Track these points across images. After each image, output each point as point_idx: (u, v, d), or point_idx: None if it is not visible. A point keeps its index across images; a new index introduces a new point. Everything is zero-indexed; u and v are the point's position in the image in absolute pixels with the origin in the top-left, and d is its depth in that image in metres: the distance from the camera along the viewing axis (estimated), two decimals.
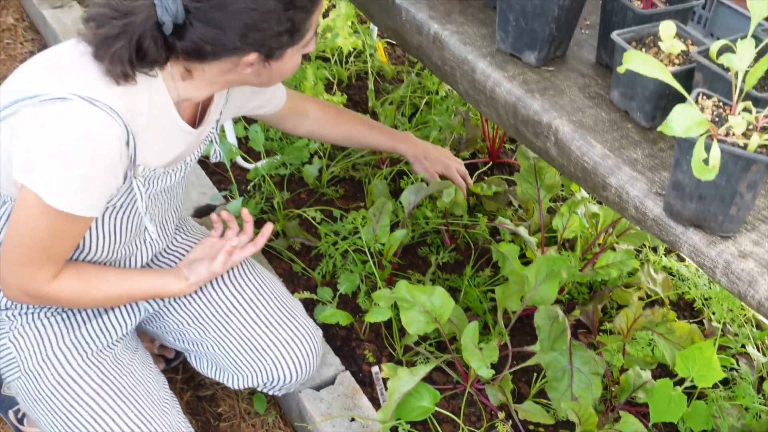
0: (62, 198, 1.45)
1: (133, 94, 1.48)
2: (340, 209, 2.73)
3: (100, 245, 1.68)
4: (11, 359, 1.73)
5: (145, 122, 1.52)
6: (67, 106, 1.41)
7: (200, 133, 1.75)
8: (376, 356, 2.31)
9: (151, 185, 1.65)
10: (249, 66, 1.53)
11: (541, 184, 2.41)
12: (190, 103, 1.66)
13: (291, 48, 1.55)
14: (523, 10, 1.47)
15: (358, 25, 3.57)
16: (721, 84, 1.23)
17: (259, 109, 2.06)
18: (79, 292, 1.64)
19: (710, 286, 2.48)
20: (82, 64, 1.46)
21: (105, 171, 1.47)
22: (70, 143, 1.41)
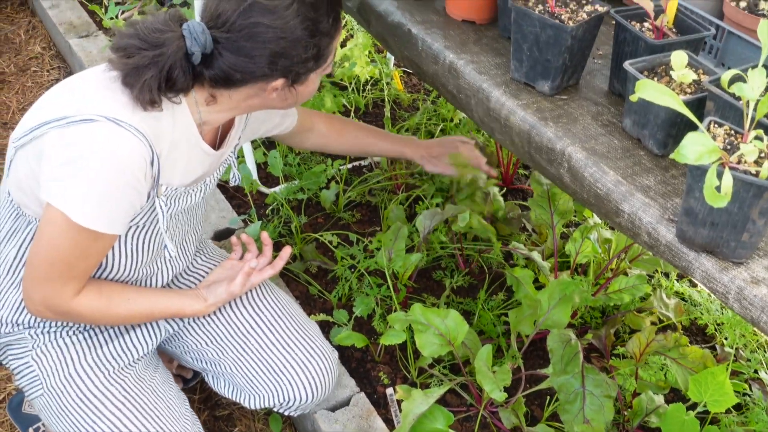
0: (87, 215, 1.46)
1: (158, 118, 1.50)
2: (356, 233, 2.74)
3: (122, 264, 1.69)
4: (34, 377, 1.73)
5: (169, 144, 1.54)
6: (94, 127, 1.43)
7: (221, 155, 1.76)
8: (390, 378, 2.30)
9: (173, 204, 1.66)
10: (275, 91, 1.56)
11: (555, 209, 2.40)
12: (212, 127, 1.68)
13: (314, 72, 1.58)
14: (537, 41, 1.48)
15: (375, 54, 3.60)
16: (733, 112, 1.23)
17: (273, 130, 2.08)
18: (100, 309, 1.65)
19: (722, 312, 2.46)
20: (109, 89, 1.48)
21: (130, 189, 1.48)
22: (97, 162, 1.42)
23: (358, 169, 3.11)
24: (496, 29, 1.75)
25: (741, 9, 1.50)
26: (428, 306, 2.37)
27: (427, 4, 1.85)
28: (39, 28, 4.31)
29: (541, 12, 1.48)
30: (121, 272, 1.71)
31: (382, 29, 1.88)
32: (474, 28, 1.76)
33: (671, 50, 1.36)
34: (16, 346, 1.76)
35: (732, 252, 1.16)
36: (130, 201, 1.51)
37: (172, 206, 1.67)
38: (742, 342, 2.34)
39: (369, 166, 3.11)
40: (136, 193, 1.51)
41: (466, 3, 1.75)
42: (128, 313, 1.71)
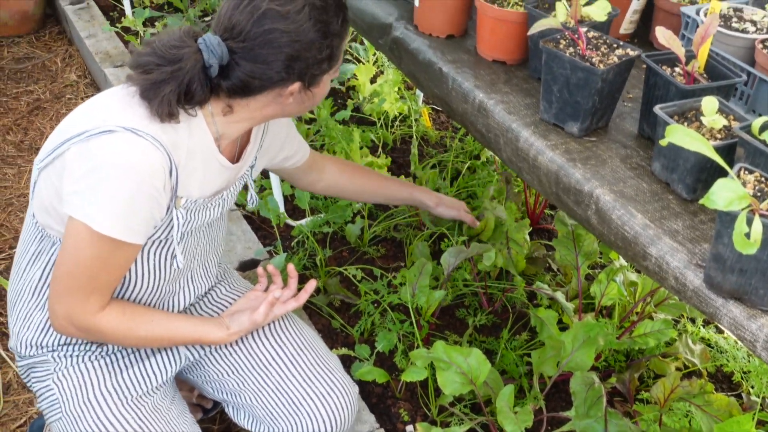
0: (107, 224, 1.47)
1: (175, 129, 1.53)
2: (380, 268, 2.74)
3: (144, 281, 1.70)
4: (54, 400, 1.74)
5: (186, 154, 1.56)
6: (113, 137, 1.45)
7: (238, 169, 1.77)
8: (411, 415, 2.29)
9: (192, 218, 1.67)
10: (291, 95, 1.58)
11: (580, 250, 2.39)
12: (230, 140, 1.69)
13: (327, 73, 1.61)
14: (567, 82, 1.48)
15: (404, 91, 3.62)
16: (763, 159, 1.22)
17: (286, 161, 2.08)
18: (122, 328, 1.64)
19: (749, 359, 2.42)
20: (128, 104, 1.51)
21: (148, 198, 1.49)
22: (116, 171, 1.45)
23: (383, 205, 3.11)
24: (527, 70, 1.76)
25: None
26: (450, 344, 2.36)
27: (459, 44, 1.86)
28: (75, 57, 4.39)
29: (572, 54, 1.49)
30: (144, 289, 1.72)
31: (413, 67, 1.89)
32: (504, 69, 1.77)
33: (702, 95, 1.37)
34: (40, 369, 1.77)
35: (761, 299, 1.15)
36: (149, 210, 1.52)
37: (192, 219, 1.68)
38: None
39: None
40: (156, 202, 1.52)
41: (497, 43, 1.76)
42: (150, 334, 1.70)
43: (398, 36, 1.93)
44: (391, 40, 1.96)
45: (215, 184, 1.71)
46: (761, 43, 1.54)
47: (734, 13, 1.67)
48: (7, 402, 2.44)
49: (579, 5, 1.52)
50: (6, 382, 2.49)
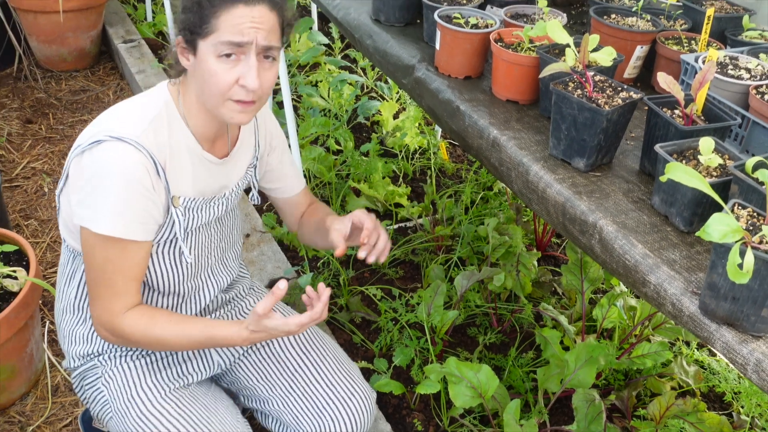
0: (106, 224, 1.49)
1: (155, 132, 1.54)
2: (399, 288, 2.74)
3: (164, 280, 1.71)
4: (105, 401, 1.75)
5: (170, 154, 1.57)
6: (101, 147, 1.49)
7: (232, 165, 1.75)
8: (424, 425, 2.27)
9: (194, 215, 1.67)
10: (183, 54, 1.55)
11: (586, 276, 2.38)
12: (210, 138, 1.67)
13: (201, 40, 1.49)
14: (575, 121, 1.49)
15: (424, 126, 3.64)
16: (756, 196, 1.21)
17: (278, 180, 1.95)
18: (140, 327, 1.60)
19: (740, 381, 2.40)
20: (126, 109, 1.57)
21: (138, 195, 1.51)
22: (106, 176, 1.48)
23: (403, 230, 3.12)
24: (537, 109, 1.77)
25: (765, 101, 1.49)
26: (462, 360, 2.35)
27: (475, 84, 1.87)
28: (126, 90, 4.45)
29: (579, 96, 1.49)
30: (167, 288, 1.73)
31: (433, 104, 1.90)
32: (517, 108, 1.77)
33: (699, 136, 1.37)
34: (90, 376, 1.78)
35: (752, 326, 1.14)
36: (143, 207, 1.53)
37: (194, 217, 1.67)
38: (758, 411, 2.27)
39: (413, 228, 3.12)
40: (148, 200, 1.53)
41: (511, 85, 1.77)
42: (167, 333, 1.62)
43: (420, 76, 1.94)
44: (414, 80, 1.97)
45: (210, 182, 1.70)
46: (755, 89, 1.54)
47: (730, 61, 1.67)
48: (55, 403, 2.45)
49: (587, 51, 1.53)
50: (54, 385, 2.50)
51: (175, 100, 1.61)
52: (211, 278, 1.85)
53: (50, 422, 2.38)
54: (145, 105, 1.59)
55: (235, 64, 1.49)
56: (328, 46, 4.62)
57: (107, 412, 1.75)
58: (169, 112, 1.59)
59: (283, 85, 2.92)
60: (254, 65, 1.49)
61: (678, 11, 1.95)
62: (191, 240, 1.72)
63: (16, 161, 3.68)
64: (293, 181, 1.99)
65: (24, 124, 4.01)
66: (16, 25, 4.42)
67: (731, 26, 1.90)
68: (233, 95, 1.52)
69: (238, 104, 1.53)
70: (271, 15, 1.51)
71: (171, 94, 1.62)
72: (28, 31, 4.44)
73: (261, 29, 1.48)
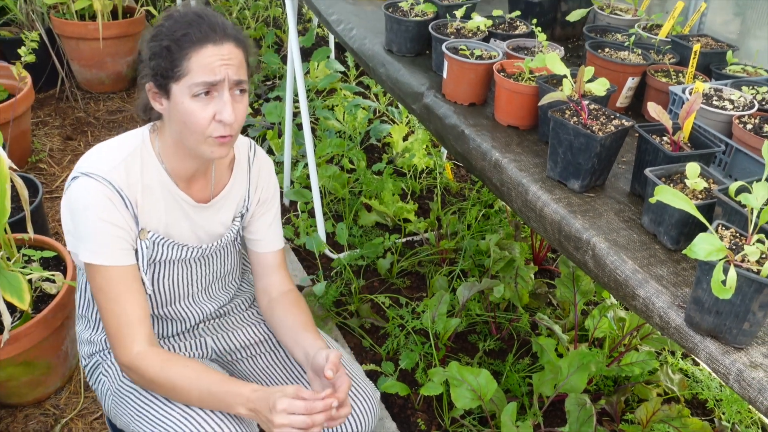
0: (84, 251, 1.52)
1: (127, 170, 1.54)
2: (405, 297, 2.73)
3: (162, 298, 1.72)
4: (107, 389, 1.73)
5: (142, 191, 1.57)
6: (75, 182, 1.52)
7: (213, 212, 1.70)
8: (426, 424, 2.26)
9: (162, 251, 1.65)
10: (154, 97, 1.52)
11: (578, 289, 2.37)
12: (186, 177, 1.63)
13: (174, 83, 1.46)
14: (571, 146, 1.48)
15: (431, 148, 3.64)
16: (738, 218, 1.21)
17: (255, 232, 1.83)
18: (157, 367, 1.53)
19: (721, 389, 2.37)
20: (102, 149, 1.58)
21: (105, 225, 1.51)
22: (78, 207, 1.51)
23: (411, 243, 3.11)
24: (536, 134, 1.77)
25: (747, 130, 1.49)
26: (463, 364, 2.34)
27: (479, 111, 1.88)
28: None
29: (575, 123, 1.49)
30: (167, 304, 1.74)
31: (440, 128, 1.90)
32: (517, 133, 1.78)
33: (686, 161, 1.36)
34: (96, 371, 1.77)
35: (734, 338, 1.13)
36: (113, 234, 1.52)
37: (162, 252, 1.65)
38: (738, 417, 2.25)
39: (420, 242, 3.12)
40: (116, 228, 1.52)
41: (512, 111, 1.77)
42: (188, 378, 1.53)
43: (428, 102, 1.95)
44: (423, 106, 1.98)
45: (185, 224, 1.66)
46: (737, 119, 1.53)
47: (715, 92, 1.67)
48: (87, 398, 2.45)
49: (582, 82, 1.53)
50: (86, 381, 2.50)
51: (152, 140, 1.60)
52: (192, 306, 1.81)
53: (82, 415, 2.38)
54: (122, 143, 1.59)
55: (209, 101, 1.46)
56: (344, 73, 4.64)
57: (108, 399, 1.72)
58: (144, 150, 1.58)
59: (302, 108, 2.93)
60: (228, 100, 1.46)
61: (667, 46, 1.95)
62: (164, 270, 1.69)
63: (56, 174, 3.70)
64: (269, 240, 1.85)
65: (64, 140, 4.03)
66: (59, 51, 4.46)
67: (716, 61, 1.90)
68: (212, 132, 1.48)
69: (218, 140, 1.49)
70: (238, 51, 1.49)
71: (149, 134, 1.61)
72: (70, 56, 4.48)
73: (231, 65, 1.46)
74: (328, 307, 2.62)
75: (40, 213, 2.85)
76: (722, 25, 2.19)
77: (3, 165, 2.09)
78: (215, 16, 1.50)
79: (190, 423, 1.56)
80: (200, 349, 1.86)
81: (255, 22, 5.36)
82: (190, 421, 1.56)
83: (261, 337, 1.91)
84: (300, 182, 3.37)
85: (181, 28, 1.45)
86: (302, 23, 5.61)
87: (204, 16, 1.48)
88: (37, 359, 2.27)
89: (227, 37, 1.47)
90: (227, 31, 1.48)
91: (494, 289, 2.40)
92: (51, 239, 2.50)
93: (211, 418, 1.56)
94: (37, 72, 4.34)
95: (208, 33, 1.45)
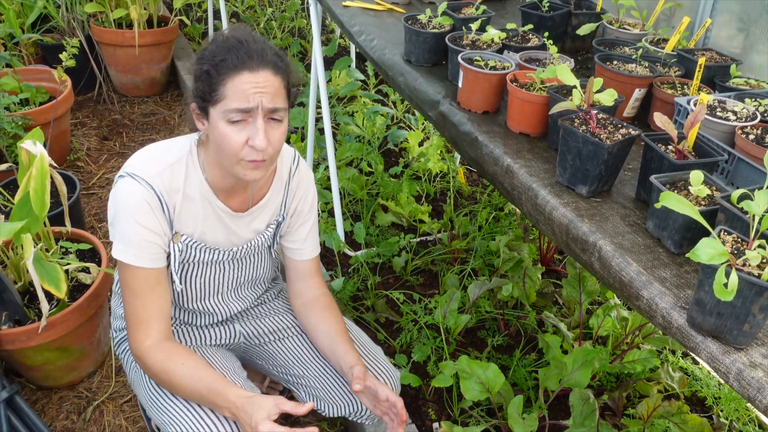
0: (115, 248, 1.52)
1: (171, 177, 1.54)
2: (419, 294, 2.72)
3: (192, 294, 1.72)
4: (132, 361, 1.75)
5: (182, 199, 1.56)
6: (120, 183, 1.52)
7: (248, 220, 1.69)
8: (437, 414, 2.25)
9: (195, 253, 1.64)
10: (197, 116, 1.50)
11: (583, 289, 2.35)
12: (226, 190, 1.61)
13: (212, 107, 1.44)
14: (579, 153, 1.47)
15: (445, 153, 3.63)
16: (740, 224, 1.19)
17: (293, 243, 1.83)
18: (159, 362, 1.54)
19: (720, 387, 2.35)
20: (152, 151, 1.57)
21: (140, 228, 1.50)
22: (119, 206, 1.50)
23: (424, 243, 3.11)
24: (546, 142, 1.75)
25: (750, 140, 1.47)
26: (472, 358, 2.33)
27: (492, 119, 1.87)
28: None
29: (584, 131, 1.48)
30: (192, 302, 1.74)
31: (455, 135, 1.90)
32: (528, 140, 1.76)
33: (690, 169, 1.35)
34: (124, 343, 1.79)
35: (734, 339, 1.11)
36: (145, 238, 1.51)
37: (194, 255, 1.64)
38: (736, 415, 2.23)
39: (433, 242, 3.11)
40: (149, 231, 1.52)
41: (523, 119, 1.76)
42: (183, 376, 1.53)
43: (444, 110, 1.94)
44: (438, 113, 1.97)
45: (220, 231, 1.65)
46: (740, 130, 1.52)
47: (719, 104, 1.65)
48: (118, 382, 2.47)
49: (591, 92, 1.52)
50: (118, 366, 2.52)
51: (198, 151, 1.59)
52: (221, 303, 1.81)
53: (113, 398, 2.40)
54: (170, 150, 1.57)
55: (243, 126, 1.44)
56: (364, 81, 4.64)
57: (132, 371, 1.74)
58: (189, 159, 1.57)
59: (324, 114, 2.93)
60: (261, 127, 1.43)
61: (673, 60, 1.93)
62: (195, 269, 1.69)
63: (92, 172, 3.73)
64: (305, 249, 1.85)
65: (101, 140, 4.06)
66: (98, 57, 4.50)
67: (720, 74, 1.88)
68: (245, 156, 1.46)
69: (251, 163, 1.48)
70: (275, 79, 1.45)
71: (196, 145, 1.59)
72: (107, 62, 4.51)
73: (266, 93, 1.42)
74: (346, 301, 2.62)
75: (77, 208, 2.88)
76: (727, 40, 2.16)
77: (44, 162, 2.11)
78: (257, 42, 1.45)
79: (192, 416, 1.57)
80: (229, 333, 1.87)
81: (281, 32, 5.37)
82: (193, 414, 1.58)
83: (288, 324, 1.92)
84: (321, 184, 3.38)
85: (221, 53, 1.42)
86: (325, 34, 5.62)
87: (245, 41, 1.44)
88: (71, 345, 2.28)
89: (264, 65, 1.43)
90: (265, 58, 1.43)
91: (503, 287, 2.39)
92: (87, 233, 2.52)
93: (213, 412, 1.57)
94: (77, 76, 4.37)
95: (244, 60, 1.41)
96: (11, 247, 2.28)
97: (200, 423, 1.54)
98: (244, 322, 1.90)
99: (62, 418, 2.31)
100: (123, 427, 2.29)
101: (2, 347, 2.11)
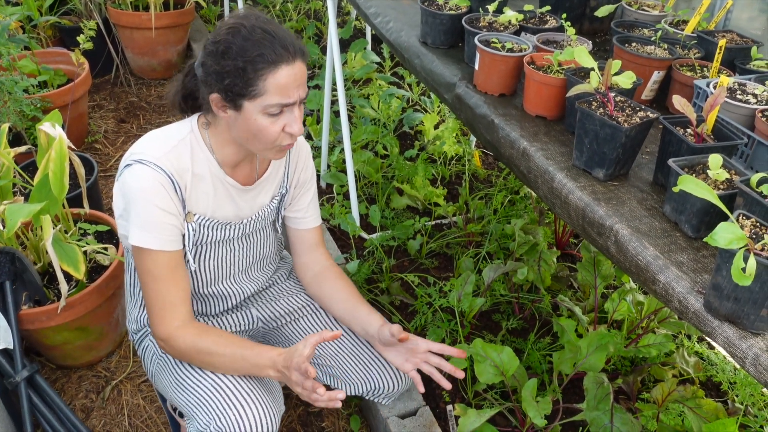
0: (134, 235, 1.52)
1: (178, 158, 1.54)
2: (434, 277, 2.72)
3: (207, 278, 1.73)
4: (152, 354, 1.77)
5: (191, 179, 1.57)
6: (129, 170, 1.52)
7: (255, 193, 1.71)
8: (451, 397, 2.26)
9: (208, 232, 1.65)
10: (219, 109, 1.50)
11: (599, 273, 2.34)
12: (234, 165, 1.64)
13: (246, 100, 1.45)
14: (597, 136, 1.46)
15: (461, 136, 3.61)
16: (759, 208, 1.18)
17: (297, 212, 1.87)
18: (190, 340, 1.57)
19: (735, 372, 2.33)
20: (154, 136, 1.57)
21: (157, 211, 1.51)
22: (131, 193, 1.50)
23: (439, 226, 3.10)
24: (563, 125, 1.74)
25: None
26: (487, 342, 2.33)
27: (508, 101, 1.85)
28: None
29: (602, 114, 1.46)
30: (207, 286, 1.75)
31: (471, 118, 1.89)
32: (545, 123, 1.75)
33: (709, 153, 1.33)
34: (144, 342, 1.80)
35: (751, 324, 1.11)
36: (162, 220, 1.52)
37: (207, 234, 1.65)
38: (751, 400, 2.21)
39: (448, 225, 3.11)
40: (165, 213, 1.52)
41: (540, 102, 1.74)
42: (220, 345, 1.58)
43: (460, 93, 1.93)
44: (455, 96, 1.96)
45: (230, 206, 1.67)
46: (760, 113, 1.49)
47: (739, 87, 1.62)
48: (135, 362, 2.50)
49: (609, 75, 1.50)
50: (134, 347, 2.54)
51: (202, 130, 1.60)
52: (234, 285, 1.82)
53: (131, 378, 2.43)
54: (170, 132, 1.59)
55: (279, 116, 1.48)
56: (380, 64, 4.62)
57: (153, 365, 1.75)
58: (193, 140, 1.58)
59: (339, 97, 2.93)
60: (298, 116, 1.50)
61: (692, 42, 1.91)
62: (208, 251, 1.70)
63: (110, 154, 3.75)
64: (308, 217, 1.89)
65: (118, 123, 4.08)
66: (115, 39, 4.51)
67: (740, 56, 1.85)
68: (282, 142, 1.52)
69: (286, 147, 1.55)
70: (304, 66, 1.49)
71: (199, 124, 1.60)
72: (124, 45, 4.53)
73: (302, 84, 1.48)
74: (361, 284, 2.63)
75: (95, 189, 2.90)
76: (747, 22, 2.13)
77: (62, 144, 2.12)
78: (283, 32, 1.47)
79: (221, 392, 1.59)
80: (246, 319, 1.89)
81: (297, 15, 5.35)
82: (220, 391, 1.59)
83: (302, 303, 1.94)
84: (336, 166, 3.37)
85: (254, 47, 1.42)
86: (341, 16, 5.59)
87: (273, 33, 1.44)
88: (90, 325, 2.31)
89: (297, 55, 1.46)
90: (296, 48, 1.46)
91: (518, 271, 2.38)
92: (105, 214, 2.54)
93: (242, 387, 1.59)
94: (94, 59, 4.39)
95: (282, 54, 1.43)
96: (31, 228, 2.31)
97: (229, 401, 1.57)
98: (260, 306, 1.92)
99: (81, 396, 2.34)
100: (141, 406, 2.32)
101: (23, 327, 2.14)
